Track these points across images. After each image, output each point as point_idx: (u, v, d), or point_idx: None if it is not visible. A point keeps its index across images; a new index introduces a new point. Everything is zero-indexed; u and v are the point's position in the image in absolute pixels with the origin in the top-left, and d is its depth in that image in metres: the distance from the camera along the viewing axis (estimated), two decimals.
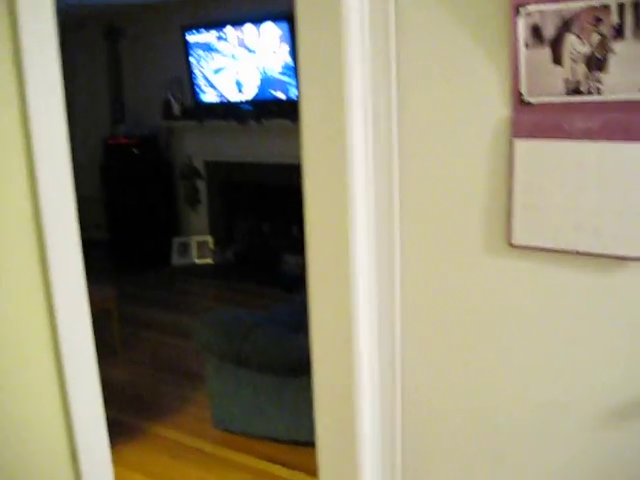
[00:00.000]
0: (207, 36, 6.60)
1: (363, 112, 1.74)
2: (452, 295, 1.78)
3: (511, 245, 1.64)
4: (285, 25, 5.94)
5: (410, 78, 1.71)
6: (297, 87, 5.70)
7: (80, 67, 7.58)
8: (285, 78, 6.19)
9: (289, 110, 6.12)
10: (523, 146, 1.57)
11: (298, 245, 6.71)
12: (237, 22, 6.33)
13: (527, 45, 1.52)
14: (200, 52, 6.71)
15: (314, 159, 1.83)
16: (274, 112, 6.30)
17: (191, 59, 6.79)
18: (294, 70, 6.02)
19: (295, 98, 6.11)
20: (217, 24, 6.51)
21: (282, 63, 6.15)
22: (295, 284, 6.12)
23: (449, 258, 1.76)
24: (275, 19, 6.02)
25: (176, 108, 7.11)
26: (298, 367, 2.83)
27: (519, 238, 1.63)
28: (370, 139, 1.75)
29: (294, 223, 6.86)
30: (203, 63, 6.74)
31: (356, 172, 1.76)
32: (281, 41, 6.07)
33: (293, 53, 5.96)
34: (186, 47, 6.77)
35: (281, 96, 6.30)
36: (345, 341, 1.86)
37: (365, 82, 1.73)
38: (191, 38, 6.71)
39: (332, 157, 1.78)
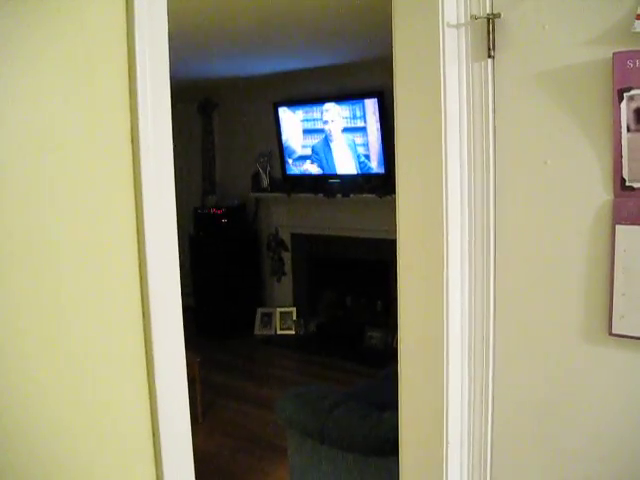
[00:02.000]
0: (298, 111, 6.77)
1: (459, 192, 1.74)
2: (546, 382, 1.73)
3: (611, 334, 1.59)
4: (375, 101, 6.03)
5: (507, 159, 1.70)
6: (385, 164, 5.74)
7: (174, 139, 7.81)
8: (373, 153, 6.25)
9: (376, 185, 6.18)
10: (625, 232, 1.53)
11: (381, 320, 6.70)
12: (328, 99, 6.49)
13: (629, 129, 1.50)
14: (290, 126, 6.87)
15: (409, 236, 1.84)
16: (361, 187, 6.36)
17: (282, 133, 6.96)
18: (382, 146, 6.09)
19: (382, 173, 6.16)
20: (308, 100, 6.68)
21: (370, 139, 6.22)
22: (378, 359, 6.05)
23: (545, 344, 1.72)
24: (365, 96, 6.13)
25: (265, 180, 7.26)
26: (382, 447, 2.76)
27: (619, 327, 1.57)
28: (466, 221, 1.75)
29: (378, 298, 6.83)
30: (293, 137, 6.89)
31: (452, 253, 1.75)
32: (371, 117, 6.15)
33: (382, 129, 6.04)
34: (277, 121, 6.95)
35: (368, 171, 6.35)
36: (436, 425, 1.82)
37: (463, 160, 1.73)
38: (282, 113, 6.89)
39: (428, 236, 1.78)
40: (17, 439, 1.28)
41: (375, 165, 6.28)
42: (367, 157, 6.31)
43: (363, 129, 6.25)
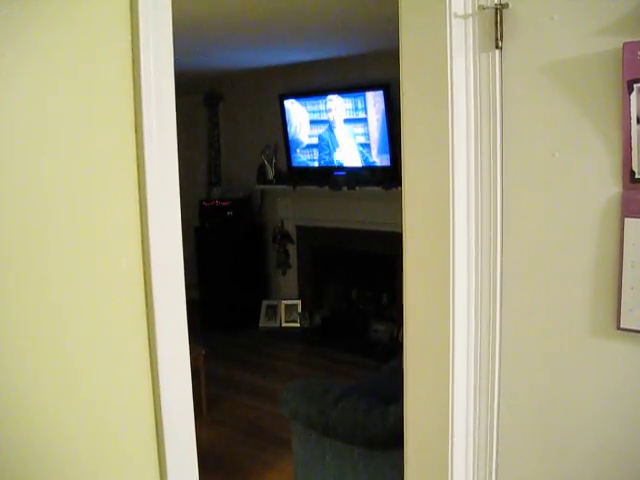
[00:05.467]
0: (303, 103, 6.75)
1: (466, 185, 1.72)
2: (553, 376, 1.72)
3: (619, 328, 1.57)
4: (381, 94, 6.01)
5: (515, 151, 1.69)
6: (390, 156, 5.72)
7: (180, 131, 7.80)
8: (379, 146, 6.23)
9: (381, 178, 6.16)
10: (634, 225, 1.51)
11: (387, 313, 6.68)
12: (333, 91, 6.46)
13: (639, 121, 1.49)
14: (296, 118, 6.85)
15: (415, 229, 1.82)
16: (366, 179, 6.34)
17: (287, 125, 6.94)
18: (388, 138, 6.06)
19: (388, 166, 6.14)
20: (314, 92, 6.66)
21: (376, 131, 6.20)
22: (383, 352, 6.05)
23: (552, 338, 1.70)
24: (371, 88, 6.11)
25: (270, 173, 7.25)
26: (387, 440, 2.76)
27: (627, 321, 1.56)
28: (473, 214, 1.73)
29: (383, 290, 6.82)
30: (298, 129, 6.87)
31: (458, 246, 1.73)
32: (376, 110, 6.13)
33: (387, 122, 6.02)
34: (283, 113, 6.93)
35: (374, 164, 6.33)
36: (441, 418, 1.81)
37: (470, 153, 1.72)
38: (288, 105, 6.87)
39: (434, 229, 1.76)
40: (15, 441, 1.26)
41: (375, 155, 6.26)
42: (367, 147, 6.29)
43: (369, 121, 6.23)
